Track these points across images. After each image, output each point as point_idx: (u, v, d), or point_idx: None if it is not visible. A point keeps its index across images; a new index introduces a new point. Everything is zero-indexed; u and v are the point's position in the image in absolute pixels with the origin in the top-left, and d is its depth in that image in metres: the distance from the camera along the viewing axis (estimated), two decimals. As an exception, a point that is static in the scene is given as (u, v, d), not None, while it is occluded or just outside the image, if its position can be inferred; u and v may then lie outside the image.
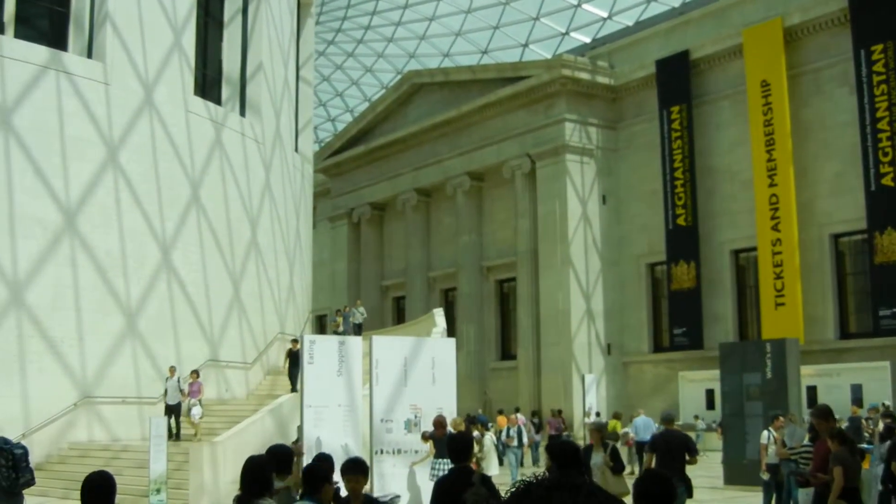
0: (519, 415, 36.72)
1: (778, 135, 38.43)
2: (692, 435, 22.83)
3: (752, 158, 39.32)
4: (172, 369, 26.69)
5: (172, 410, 26.32)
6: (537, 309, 45.44)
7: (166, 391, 26.65)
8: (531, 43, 57.16)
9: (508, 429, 30.37)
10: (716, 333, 40.30)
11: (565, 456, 7.93)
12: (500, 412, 38.48)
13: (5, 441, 13.11)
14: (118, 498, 20.14)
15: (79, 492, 6.95)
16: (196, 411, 26.30)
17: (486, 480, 8.84)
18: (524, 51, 57.72)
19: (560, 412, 38.87)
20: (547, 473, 3.15)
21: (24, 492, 13.16)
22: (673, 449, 14.47)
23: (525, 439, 31.55)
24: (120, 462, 24.50)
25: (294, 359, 29.05)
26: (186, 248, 30.24)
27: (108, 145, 28.27)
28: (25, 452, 13.14)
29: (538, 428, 37.91)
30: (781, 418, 19.65)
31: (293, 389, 28.83)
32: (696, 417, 38.04)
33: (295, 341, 29.52)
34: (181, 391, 26.57)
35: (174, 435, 25.84)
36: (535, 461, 33.95)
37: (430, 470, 19.16)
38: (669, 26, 45.36)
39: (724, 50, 41.59)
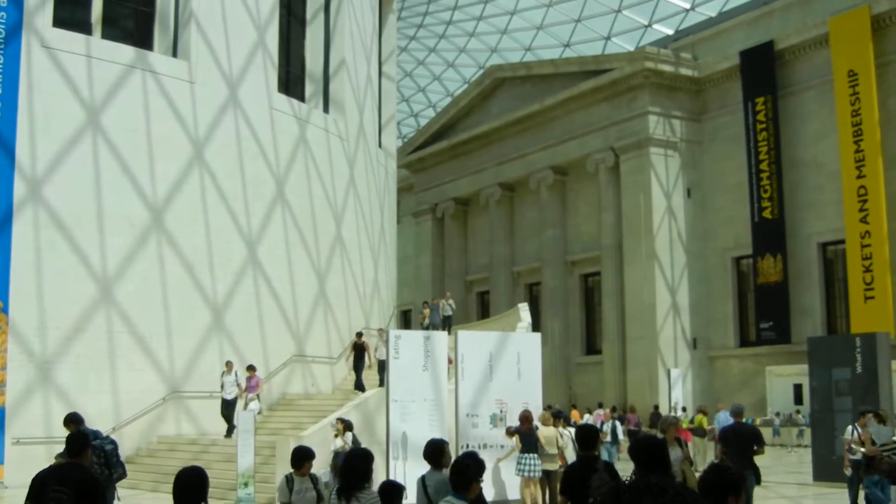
0: (599, 410, 36.26)
1: (866, 125, 37.48)
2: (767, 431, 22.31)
3: (840, 149, 38.44)
4: (229, 364, 26.33)
5: (229, 406, 25.98)
6: (622, 303, 44.94)
7: (223, 386, 26.23)
8: (613, 36, 56.53)
9: (602, 423, 29.52)
10: (803, 327, 39.48)
11: (650, 455, 7.64)
12: (574, 406, 38.11)
13: (96, 436, 13.14)
14: (215, 491, 20.10)
15: (168, 484, 6.85)
16: (254, 406, 25.70)
17: (610, 467, 9.82)
18: (606, 43, 57.07)
19: (634, 408, 38.38)
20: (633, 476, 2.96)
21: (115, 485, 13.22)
22: (743, 440, 14.65)
23: (620, 435, 30.32)
24: (208, 456, 24.55)
25: (359, 352, 29.08)
26: (272, 244, 30.25)
27: (194, 143, 28.37)
28: (116, 447, 13.20)
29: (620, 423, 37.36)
30: (866, 416, 18.93)
31: (357, 384, 28.81)
32: (777, 414, 37.29)
33: (359, 335, 29.51)
34: (238, 386, 26.18)
35: (228, 431, 25.74)
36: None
37: (515, 465, 18.94)
38: (753, 16, 44.51)
39: (810, 39, 40.68)
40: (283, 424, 26.88)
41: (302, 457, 10.71)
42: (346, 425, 19.82)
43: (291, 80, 33.55)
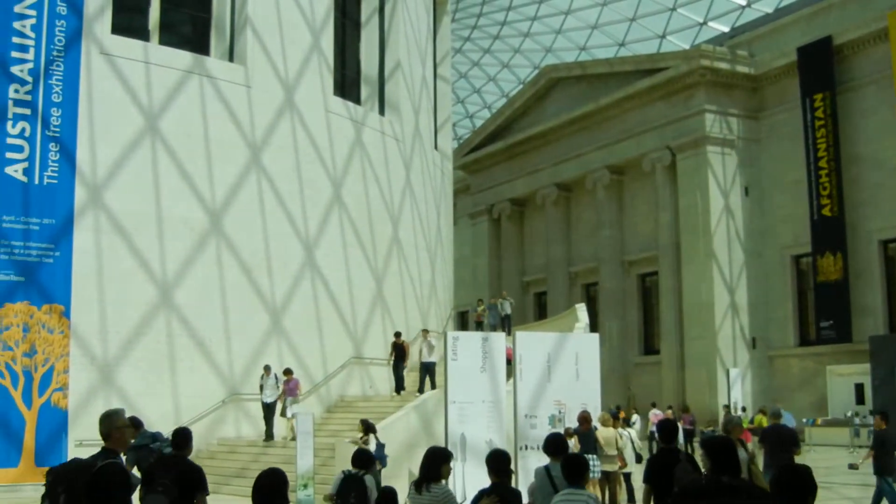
0: (655, 410, 35.81)
1: (927, 119, 36.83)
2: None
3: (900, 144, 37.81)
4: (268, 368, 26.00)
5: (269, 409, 25.72)
6: (680, 303, 44.53)
7: (261, 389, 25.90)
8: (668, 34, 56.02)
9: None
10: (864, 326, 38.85)
11: (721, 455, 7.54)
12: (618, 408, 37.73)
13: (156, 438, 13.16)
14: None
15: (228, 486, 6.90)
16: (294, 409, 25.33)
17: (690, 458, 10.40)
18: (661, 42, 56.58)
19: (687, 408, 37.88)
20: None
21: None
22: (784, 441, 14.77)
23: (681, 437, 29.32)
24: (267, 458, 24.54)
25: (400, 353, 28.77)
26: (329, 246, 30.25)
27: (251, 147, 28.44)
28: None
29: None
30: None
31: (397, 387, 28.61)
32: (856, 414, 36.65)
33: (398, 335, 29.11)
34: (277, 389, 25.81)
35: (267, 434, 25.60)
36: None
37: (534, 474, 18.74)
38: (810, 12, 43.88)
39: (869, 34, 40.01)
40: (342, 426, 26.81)
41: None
42: (368, 427, 19.59)
43: (347, 83, 33.54)
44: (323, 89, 30.80)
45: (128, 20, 27.62)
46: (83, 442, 23.75)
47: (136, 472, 13.29)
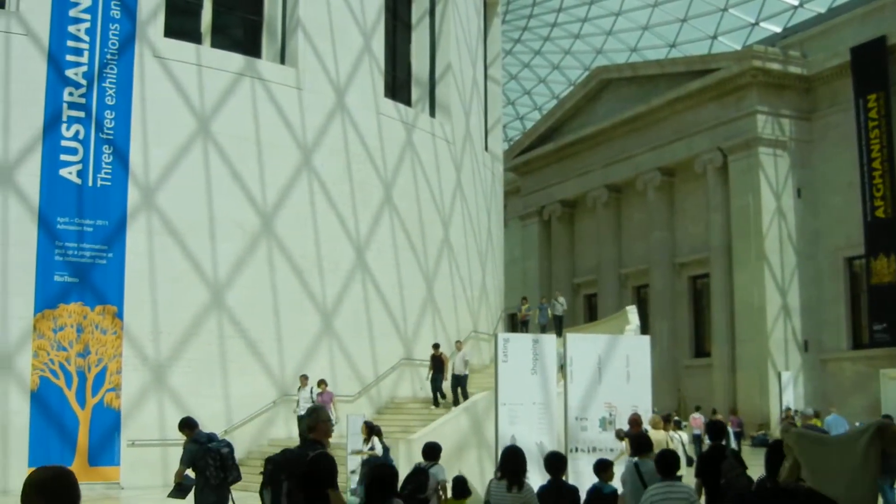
0: (697, 414, 35.29)
1: (984, 119, 36.09)
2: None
3: (957, 145, 37.08)
4: (304, 378, 25.61)
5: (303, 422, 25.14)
6: (732, 305, 44.02)
7: (298, 402, 25.33)
8: (720, 35, 55.42)
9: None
10: (919, 329, 38.18)
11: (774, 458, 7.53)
12: (674, 412, 37.22)
13: (211, 438, 13.16)
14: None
15: None
16: None
17: (736, 455, 11.42)
18: (713, 43, 55.98)
19: (735, 410, 37.36)
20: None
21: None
22: None
23: (733, 441, 28.43)
24: (318, 459, 24.47)
25: (437, 365, 27.86)
26: (380, 248, 30.14)
27: (302, 149, 28.38)
28: (231, 451, 13.22)
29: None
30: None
31: (434, 402, 27.69)
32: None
33: (436, 346, 28.26)
34: (312, 402, 24.99)
35: None
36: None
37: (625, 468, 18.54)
38: (864, 11, 43.14)
39: (924, 34, 39.34)
40: (392, 428, 26.64)
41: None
42: (372, 430, 19.29)
43: (398, 85, 33.43)
44: (374, 91, 30.70)
45: (180, 23, 27.64)
46: (135, 442, 23.93)
47: (190, 472, 13.26)
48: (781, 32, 50.45)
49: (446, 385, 27.61)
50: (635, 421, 18.39)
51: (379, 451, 17.60)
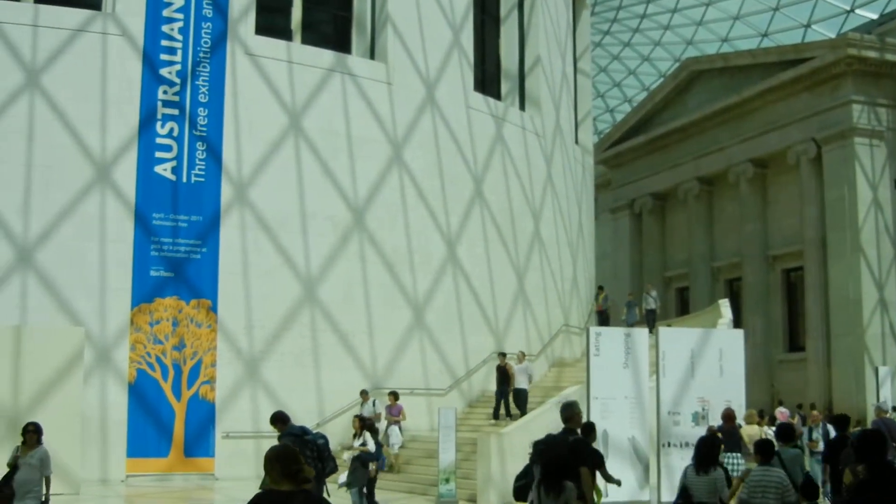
0: (782, 408, 34.48)
1: None
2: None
3: None
4: (364, 394, 25.03)
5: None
6: (826, 298, 42.89)
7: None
8: (813, 23, 54.09)
9: (811, 429, 24.19)
10: None
11: (874, 451, 7.61)
12: (780, 403, 36.43)
13: (305, 431, 13.18)
14: (410, 486, 19.79)
15: None
16: (395, 439, 23.90)
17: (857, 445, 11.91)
18: (806, 31, 54.66)
19: (814, 406, 36.40)
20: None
21: None
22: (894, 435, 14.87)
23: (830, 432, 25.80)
24: (408, 452, 24.46)
25: (503, 376, 26.44)
26: (471, 242, 29.97)
27: (393, 143, 28.32)
28: (327, 442, 13.30)
29: (803, 422, 35.12)
30: None
31: (495, 415, 26.21)
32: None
33: (502, 356, 27.12)
34: (376, 415, 24.16)
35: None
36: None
37: None
38: (965, -4, 41.88)
39: None
40: (483, 421, 26.48)
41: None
42: (365, 424, 18.93)
43: (487, 79, 33.21)
44: (463, 85, 30.54)
45: (271, 21, 27.77)
46: (229, 434, 24.10)
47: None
48: (878, 19, 49.06)
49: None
50: (728, 416, 18.15)
51: (371, 446, 17.17)
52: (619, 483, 12.39)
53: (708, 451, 11.22)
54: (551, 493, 9.62)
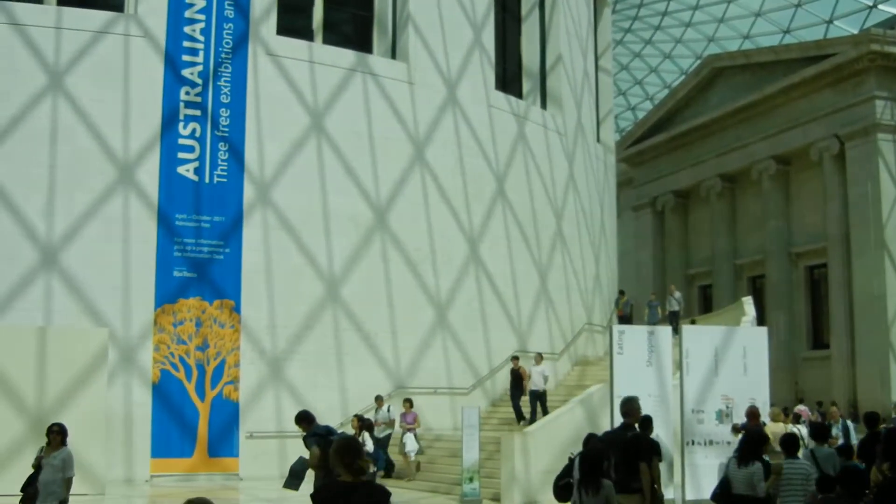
0: (802, 406, 34.20)
1: None
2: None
3: None
4: (379, 400, 24.60)
5: (381, 444, 22.99)
6: (851, 295, 42.54)
7: (375, 422, 23.17)
8: (836, 19, 53.70)
9: (830, 426, 23.67)
10: None
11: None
12: (801, 400, 36.18)
13: (330, 431, 13.10)
14: (433, 486, 19.73)
15: (397, 479, 7.55)
16: (410, 445, 23.25)
17: None
18: (828, 27, 54.29)
19: (835, 403, 36.08)
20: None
21: None
22: None
23: (854, 437, 25.13)
24: (433, 451, 24.37)
25: (515, 379, 26.02)
26: (493, 241, 29.88)
27: (415, 143, 28.26)
28: None
29: (822, 419, 34.69)
30: None
31: (518, 418, 25.61)
32: None
33: (515, 359, 26.60)
34: (391, 421, 23.96)
35: (386, 470, 23.32)
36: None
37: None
38: None
39: None
40: (508, 420, 26.42)
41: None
42: (364, 425, 18.60)
43: (508, 78, 33.11)
44: (485, 84, 30.47)
45: (292, 21, 27.74)
46: (253, 434, 24.08)
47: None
48: (901, 15, 48.79)
49: (525, 401, 25.87)
50: (753, 413, 18.01)
51: (370, 447, 17.00)
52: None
53: (751, 446, 11.52)
54: (589, 491, 9.88)
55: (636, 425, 12.28)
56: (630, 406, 12.09)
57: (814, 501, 9.75)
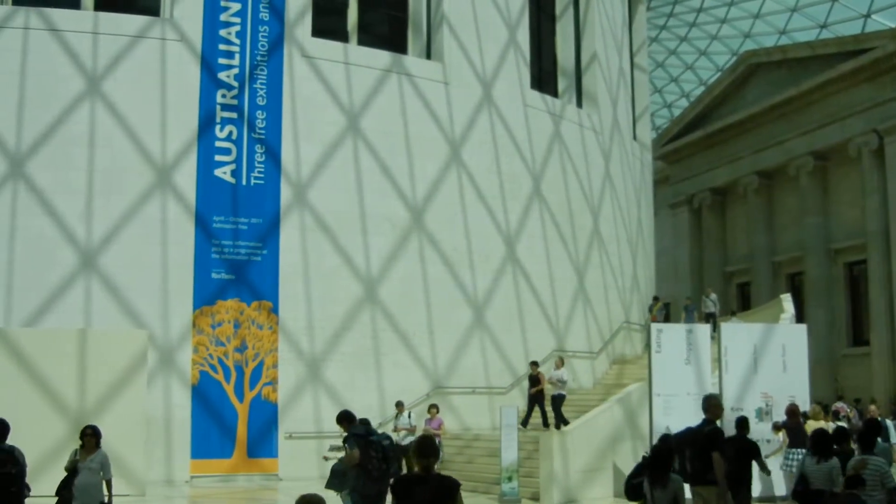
0: (840, 403, 33.76)
1: None
2: None
3: None
4: (400, 405, 24.00)
5: (402, 451, 21.88)
6: (891, 291, 41.99)
7: (395, 428, 23.00)
8: (874, 13, 52.98)
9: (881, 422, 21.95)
10: None
11: None
12: (841, 397, 35.70)
13: (370, 431, 13.04)
14: (472, 485, 19.60)
15: None
16: None
17: None
18: (866, 22, 53.65)
19: (875, 400, 35.52)
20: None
21: None
22: None
23: (894, 435, 23.75)
24: (471, 451, 24.25)
25: (533, 385, 25.03)
26: (530, 240, 29.70)
27: (451, 143, 28.14)
28: (392, 443, 13.27)
29: (860, 416, 34.21)
30: None
31: (545, 424, 24.44)
32: None
33: (534, 364, 25.50)
34: (412, 427, 23.28)
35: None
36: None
37: (783, 460, 18.09)
38: None
39: None
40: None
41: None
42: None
43: (544, 76, 32.92)
44: (520, 83, 30.30)
45: (327, 23, 27.71)
46: (292, 434, 24.04)
47: (334, 453, 13.29)
48: (940, 8, 48.11)
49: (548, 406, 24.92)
50: (793, 411, 17.97)
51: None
52: (769, 472, 14.56)
53: (824, 442, 11.70)
54: (657, 486, 10.15)
55: (717, 421, 12.80)
56: (708, 402, 12.87)
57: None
